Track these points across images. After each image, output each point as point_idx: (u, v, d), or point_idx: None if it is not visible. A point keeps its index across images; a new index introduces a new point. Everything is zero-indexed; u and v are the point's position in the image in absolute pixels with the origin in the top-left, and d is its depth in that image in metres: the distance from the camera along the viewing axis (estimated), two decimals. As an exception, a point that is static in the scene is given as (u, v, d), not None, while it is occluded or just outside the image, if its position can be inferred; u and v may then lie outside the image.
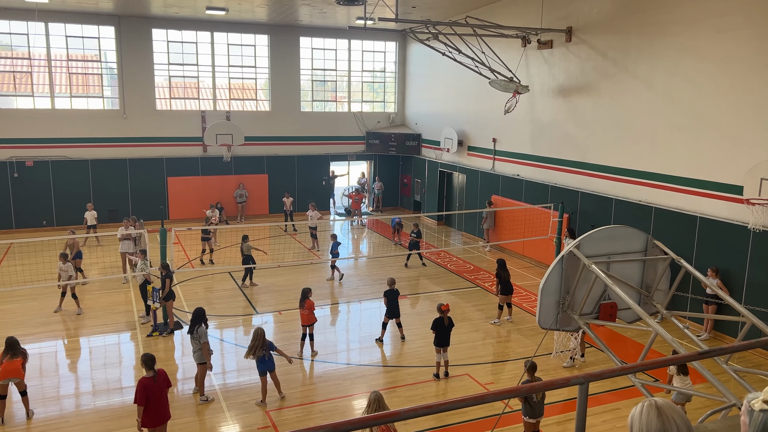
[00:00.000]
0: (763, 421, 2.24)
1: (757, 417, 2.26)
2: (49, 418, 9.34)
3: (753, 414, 2.28)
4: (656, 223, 14.12)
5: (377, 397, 7.45)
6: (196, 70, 23.78)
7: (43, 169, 21.59)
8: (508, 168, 19.80)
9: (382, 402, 7.44)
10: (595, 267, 6.77)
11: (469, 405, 2.93)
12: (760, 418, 2.25)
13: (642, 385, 6.66)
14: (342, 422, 2.51)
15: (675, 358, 3.65)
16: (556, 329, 7.50)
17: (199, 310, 10.09)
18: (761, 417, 2.25)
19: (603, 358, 11.54)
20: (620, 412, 9.57)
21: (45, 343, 12.29)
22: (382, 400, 7.49)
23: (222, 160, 23.16)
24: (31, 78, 21.66)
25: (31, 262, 16.62)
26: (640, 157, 14.71)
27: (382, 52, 26.60)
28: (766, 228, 11.57)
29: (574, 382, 3.05)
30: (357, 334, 13.24)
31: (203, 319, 9.97)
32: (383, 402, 7.48)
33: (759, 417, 2.25)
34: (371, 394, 7.60)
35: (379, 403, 7.39)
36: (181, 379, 10.68)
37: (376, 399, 7.44)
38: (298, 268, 17.63)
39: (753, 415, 2.28)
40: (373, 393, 7.59)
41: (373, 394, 7.54)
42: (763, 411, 2.25)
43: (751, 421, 2.28)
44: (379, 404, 7.38)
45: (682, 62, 13.39)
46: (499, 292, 13.48)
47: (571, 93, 16.81)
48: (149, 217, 21.26)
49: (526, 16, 17.89)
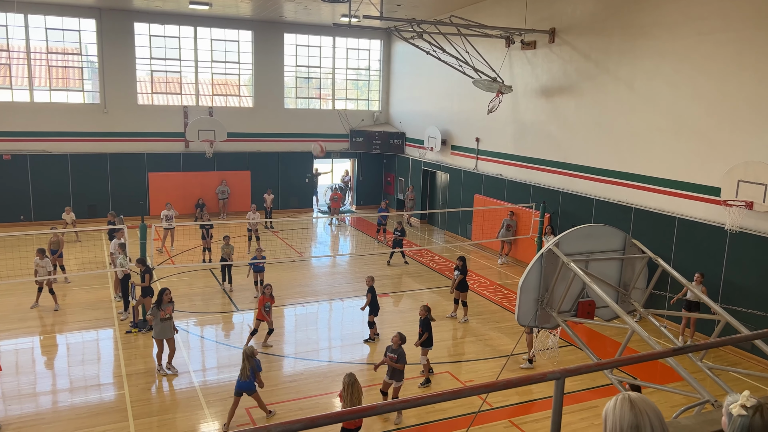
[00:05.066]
0: (741, 424, 2.31)
1: (736, 420, 2.33)
2: (25, 415, 9.20)
3: (732, 418, 2.35)
4: (636, 224, 14.29)
5: (351, 381, 7.96)
6: (178, 65, 23.55)
7: (21, 163, 21.24)
8: (491, 167, 19.90)
9: (356, 385, 7.96)
10: (574, 265, 6.83)
11: (446, 399, 2.94)
12: (739, 422, 2.32)
13: (619, 382, 6.75)
14: (318, 416, 2.52)
15: (650, 354, 3.70)
16: (534, 326, 7.55)
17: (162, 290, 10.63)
18: (739, 421, 2.32)
19: (582, 356, 11.66)
20: (598, 410, 9.68)
21: (21, 339, 12.10)
22: (357, 382, 8.00)
23: (204, 156, 22.97)
24: (10, 70, 21.29)
25: (8, 257, 16.36)
26: (620, 158, 14.88)
27: (367, 50, 26.58)
28: (742, 229, 11.77)
29: (551, 378, 3.08)
30: (339, 332, 13.23)
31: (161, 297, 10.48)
32: (358, 384, 7.99)
33: (737, 421, 2.33)
34: (345, 377, 8.05)
35: (353, 387, 7.92)
36: (160, 376, 10.59)
37: (350, 382, 7.94)
38: (281, 265, 17.55)
39: (732, 419, 2.35)
40: (348, 376, 8.04)
41: (348, 377, 8.01)
42: (741, 416, 2.32)
43: (730, 423, 2.35)
44: (353, 388, 7.91)
45: (663, 65, 13.56)
46: (456, 288, 13.53)
47: (553, 94, 16.94)
48: (129, 212, 21.02)
49: (510, 17, 18.00)
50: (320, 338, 12.78)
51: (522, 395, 10.11)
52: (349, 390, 7.91)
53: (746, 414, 2.30)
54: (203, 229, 17.49)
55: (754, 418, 2.28)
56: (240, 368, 9.00)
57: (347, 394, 7.93)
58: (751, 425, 2.28)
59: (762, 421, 2.28)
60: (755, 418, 2.28)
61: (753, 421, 2.28)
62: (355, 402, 7.89)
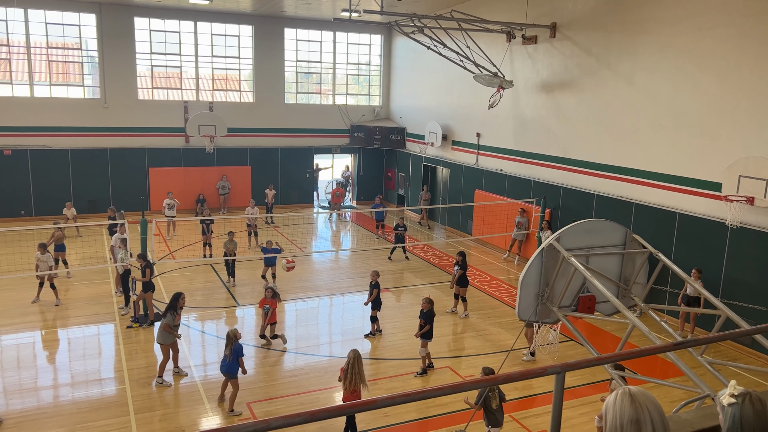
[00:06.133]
0: (733, 413, 2.35)
1: (728, 411, 2.37)
2: (26, 409, 9.22)
3: (724, 410, 2.38)
4: (636, 219, 14.29)
5: (356, 355, 8.33)
6: (179, 60, 23.52)
7: (22, 158, 21.24)
8: (491, 163, 19.88)
9: (359, 360, 8.35)
10: (575, 260, 6.84)
11: (446, 393, 2.95)
12: (730, 411, 2.36)
13: (619, 376, 6.76)
14: (319, 410, 2.52)
15: (650, 349, 3.70)
16: (535, 321, 7.56)
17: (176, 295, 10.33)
18: (731, 410, 2.36)
19: (582, 351, 11.68)
20: (598, 405, 9.69)
21: (23, 334, 12.12)
22: (360, 357, 8.38)
23: (204, 151, 22.95)
24: (10, 65, 21.26)
25: (9, 251, 16.37)
26: (621, 154, 14.86)
27: (367, 44, 26.51)
28: (743, 224, 11.76)
29: (551, 372, 3.08)
30: (339, 327, 13.24)
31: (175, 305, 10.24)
32: (360, 360, 8.38)
33: (729, 411, 2.37)
34: (351, 352, 8.37)
35: (357, 362, 8.31)
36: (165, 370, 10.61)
37: (355, 357, 8.31)
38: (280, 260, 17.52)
39: (724, 410, 2.38)
40: (352, 351, 8.36)
41: (353, 352, 8.35)
42: (730, 404, 2.36)
43: (724, 416, 2.39)
44: (357, 362, 8.31)
45: (663, 60, 13.53)
46: (456, 284, 13.53)
47: (554, 89, 16.91)
48: (130, 207, 21.02)
49: (511, 12, 17.95)
50: (321, 333, 12.79)
51: (522, 390, 10.13)
52: (354, 364, 8.25)
53: (736, 402, 2.35)
54: (203, 224, 17.50)
55: (744, 404, 2.34)
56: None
57: (352, 368, 8.27)
58: (743, 412, 2.33)
59: (752, 407, 2.33)
60: (745, 404, 2.34)
61: (744, 408, 2.34)
62: (356, 376, 8.29)
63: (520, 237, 17.85)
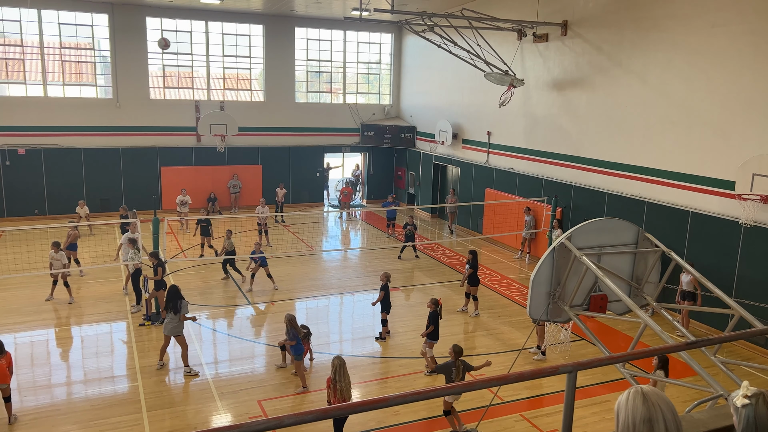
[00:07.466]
0: (747, 414, 2.34)
1: (742, 412, 2.36)
2: (40, 406, 9.33)
3: (738, 411, 2.37)
4: (648, 218, 14.19)
5: (341, 363, 8.07)
6: (190, 60, 23.65)
7: (36, 157, 21.45)
8: (502, 161, 19.82)
9: (344, 367, 8.07)
10: (586, 258, 6.81)
11: (458, 392, 2.95)
12: (744, 412, 2.35)
13: (631, 376, 6.72)
14: (331, 407, 2.54)
15: (663, 348, 3.68)
16: (546, 320, 7.54)
17: (173, 288, 10.51)
18: (745, 411, 2.35)
19: (593, 350, 11.62)
20: (609, 405, 9.65)
21: (36, 331, 12.26)
22: (345, 365, 8.11)
23: (216, 151, 23.07)
24: (24, 65, 21.49)
25: (23, 250, 16.54)
26: (633, 152, 14.76)
27: (378, 43, 26.52)
28: (756, 223, 11.65)
29: (563, 371, 3.07)
30: (350, 326, 13.27)
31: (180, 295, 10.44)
32: (345, 368, 8.10)
33: (743, 412, 2.35)
34: (334, 359, 8.14)
35: (343, 369, 8.04)
36: (173, 369, 10.69)
37: (340, 364, 8.05)
38: (292, 259, 17.62)
39: (738, 412, 2.37)
40: (336, 358, 8.14)
41: (337, 359, 8.10)
42: (744, 406, 2.35)
43: (738, 417, 2.37)
44: (343, 369, 8.04)
45: (676, 57, 13.42)
46: (467, 282, 13.49)
47: (565, 87, 16.83)
48: (142, 206, 21.18)
49: (522, 9, 17.87)
50: (331, 332, 12.82)
51: (533, 389, 10.10)
52: (340, 372, 8.02)
53: (750, 403, 2.34)
54: (199, 225, 17.40)
55: (758, 405, 2.32)
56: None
57: (338, 376, 7.99)
58: (757, 413, 2.31)
59: (767, 407, 2.32)
60: (759, 405, 2.32)
61: (758, 409, 2.32)
62: (345, 384, 8.04)
63: (528, 236, 17.80)
